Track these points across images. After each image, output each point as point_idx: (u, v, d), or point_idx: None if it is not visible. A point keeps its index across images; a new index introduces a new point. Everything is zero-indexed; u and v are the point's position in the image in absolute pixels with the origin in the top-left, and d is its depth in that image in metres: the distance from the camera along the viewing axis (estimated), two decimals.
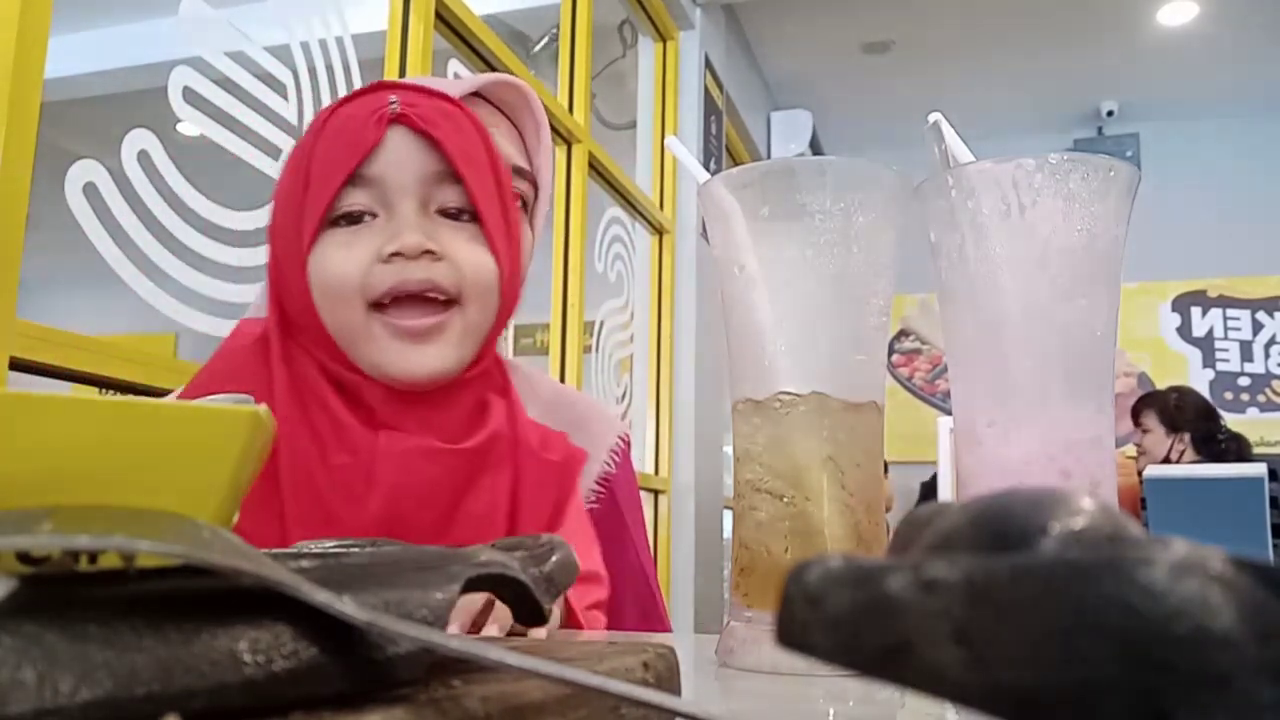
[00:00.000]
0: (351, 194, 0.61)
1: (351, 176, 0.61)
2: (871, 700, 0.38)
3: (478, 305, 0.62)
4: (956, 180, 0.46)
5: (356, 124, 0.61)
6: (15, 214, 1.03)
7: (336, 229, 0.61)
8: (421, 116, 0.61)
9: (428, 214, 0.62)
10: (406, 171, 0.61)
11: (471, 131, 0.64)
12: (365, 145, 0.60)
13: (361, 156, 0.60)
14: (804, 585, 0.14)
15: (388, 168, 0.61)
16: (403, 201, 0.61)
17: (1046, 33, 3.94)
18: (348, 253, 0.60)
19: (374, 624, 0.18)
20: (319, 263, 0.61)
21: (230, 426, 0.23)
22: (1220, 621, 0.11)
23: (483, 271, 0.62)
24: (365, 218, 0.61)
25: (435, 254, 0.60)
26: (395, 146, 0.61)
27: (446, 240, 0.61)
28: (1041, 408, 0.44)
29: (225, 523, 0.24)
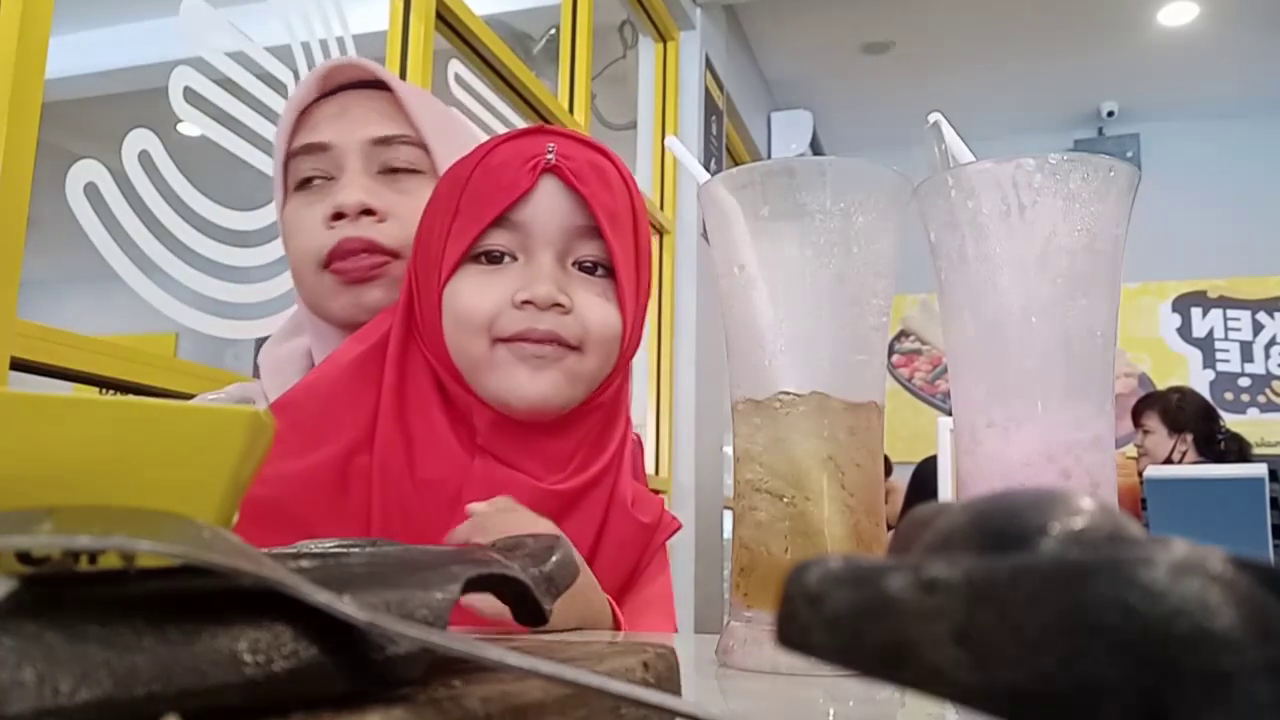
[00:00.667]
0: (496, 234, 0.64)
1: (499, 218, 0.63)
2: (871, 700, 0.38)
3: (597, 355, 0.65)
4: (956, 180, 0.46)
5: (513, 168, 0.64)
6: (16, 214, 1.03)
7: (476, 264, 0.64)
8: (574, 171, 0.64)
9: (564, 265, 0.65)
10: (551, 222, 0.64)
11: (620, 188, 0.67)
12: (516, 191, 0.63)
13: (511, 201, 0.63)
14: (804, 585, 0.14)
15: (534, 216, 0.64)
16: (543, 250, 0.64)
17: (1046, 33, 3.94)
18: (484, 291, 0.63)
19: (374, 624, 0.18)
20: (455, 294, 0.64)
21: (230, 426, 0.23)
22: (1220, 621, 0.11)
23: (608, 327, 0.65)
24: (505, 259, 0.64)
25: (564, 308, 0.63)
26: (545, 196, 0.64)
27: (578, 294, 0.64)
28: (1041, 408, 0.44)
29: (225, 523, 0.24)
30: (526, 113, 2.33)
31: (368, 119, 0.80)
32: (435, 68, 1.90)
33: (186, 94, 1.32)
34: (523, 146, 0.65)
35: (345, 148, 0.79)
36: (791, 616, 0.14)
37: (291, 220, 0.82)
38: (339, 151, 0.80)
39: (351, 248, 0.77)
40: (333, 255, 0.78)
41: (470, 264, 0.64)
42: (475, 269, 0.64)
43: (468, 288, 0.64)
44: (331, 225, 0.78)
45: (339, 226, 0.77)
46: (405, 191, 0.80)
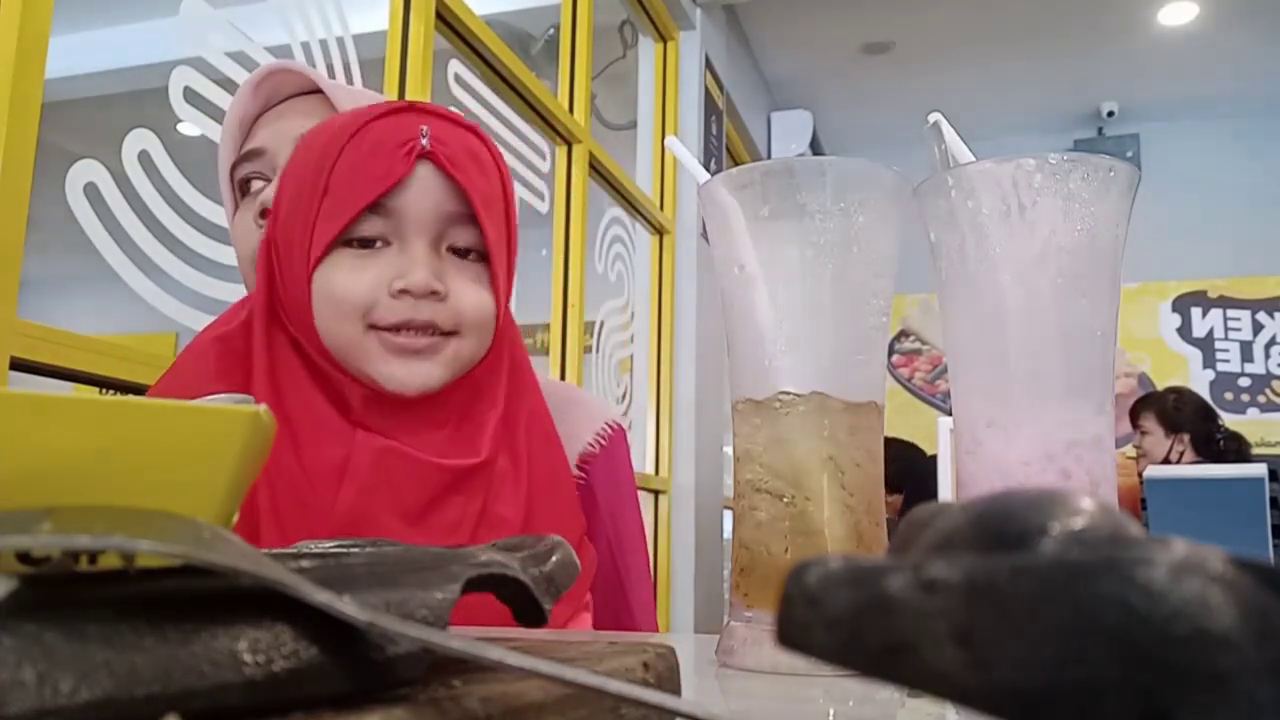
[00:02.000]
0: (369, 220, 0.62)
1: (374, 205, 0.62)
2: (871, 700, 0.38)
3: (473, 338, 0.65)
4: (956, 180, 0.46)
5: (385, 151, 0.62)
6: (16, 214, 1.03)
7: (348, 249, 0.63)
8: (450, 157, 0.63)
9: (438, 251, 0.64)
10: (426, 209, 0.63)
11: (494, 172, 0.66)
12: (391, 178, 0.62)
13: (386, 189, 0.62)
14: (804, 585, 0.14)
15: (409, 203, 0.62)
16: (417, 237, 0.63)
17: (1047, 33, 3.94)
18: (357, 276, 0.62)
19: (374, 624, 0.18)
20: (326, 280, 0.63)
21: (230, 426, 0.23)
22: (1220, 622, 0.11)
23: (482, 311, 0.65)
24: (378, 243, 0.63)
25: (440, 295, 0.63)
26: (420, 182, 0.63)
27: (453, 280, 0.64)
28: (1041, 408, 0.44)
29: (225, 523, 0.24)
30: (526, 113, 2.33)
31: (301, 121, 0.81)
32: (435, 68, 1.90)
33: (186, 94, 1.32)
34: (395, 127, 0.63)
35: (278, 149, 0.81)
36: (791, 616, 0.14)
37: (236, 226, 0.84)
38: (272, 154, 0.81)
39: None
40: None
41: (341, 248, 0.63)
42: (347, 253, 0.63)
43: (340, 273, 0.62)
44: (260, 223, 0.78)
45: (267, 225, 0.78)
46: None
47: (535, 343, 3.65)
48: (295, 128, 0.81)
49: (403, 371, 0.62)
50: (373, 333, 0.62)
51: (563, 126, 2.46)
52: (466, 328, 0.64)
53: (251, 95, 0.84)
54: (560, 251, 2.49)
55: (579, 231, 2.51)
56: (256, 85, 0.83)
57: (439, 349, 0.63)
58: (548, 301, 2.46)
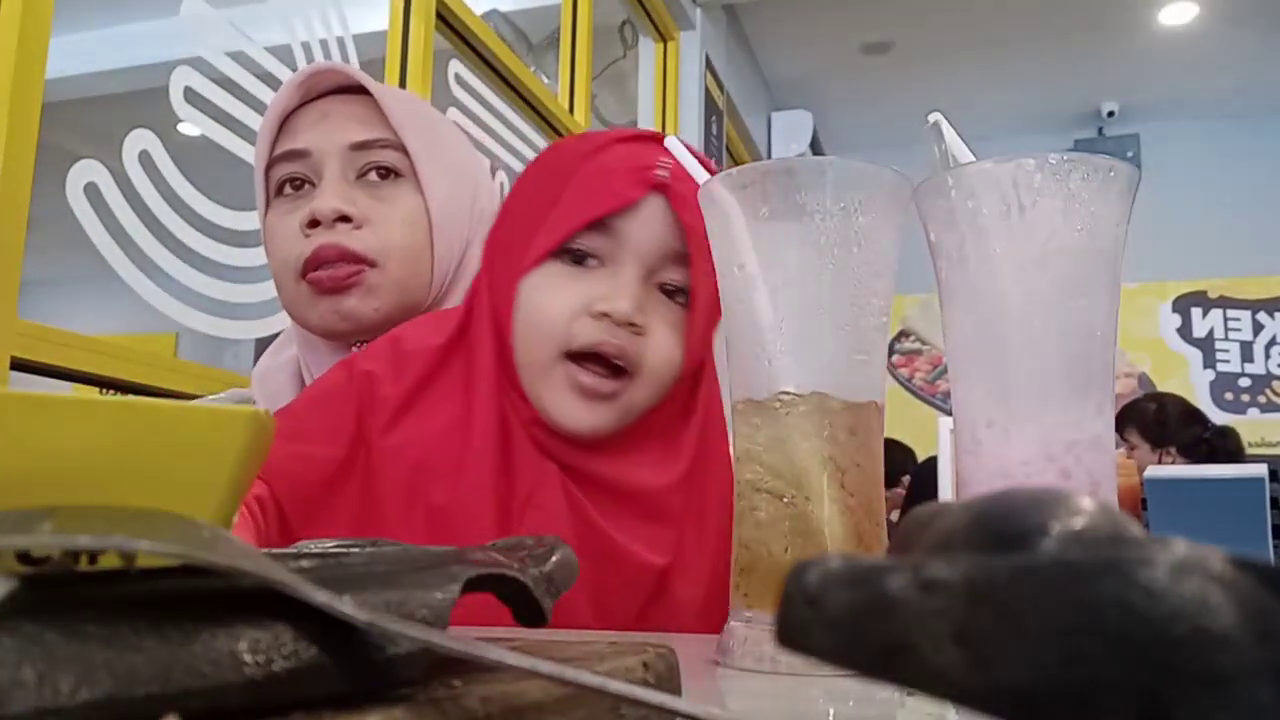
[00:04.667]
0: (588, 236, 0.62)
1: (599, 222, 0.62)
2: (871, 700, 0.38)
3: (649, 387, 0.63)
4: (956, 180, 0.46)
5: (621, 173, 0.62)
6: (16, 214, 1.03)
7: (559, 263, 0.63)
8: (683, 195, 0.62)
9: (649, 285, 0.63)
10: (646, 239, 0.62)
11: None
12: (622, 199, 0.61)
13: (614, 208, 0.61)
14: (804, 585, 0.14)
15: (632, 229, 0.62)
16: (632, 264, 0.62)
17: (1047, 33, 3.94)
18: (562, 293, 0.62)
19: (374, 624, 0.18)
20: (532, 292, 0.62)
21: (230, 426, 0.23)
22: (1220, 622, 0.11)
23: (669, 363, 0.63)
24: (590, 261, 0.63)
25: (639, 329, 0.62)
26: (647, 211, 0.62)
27: (654, 318, 0.63)
28: (1041, 408, 0.44)
29: (225, 523, 0.24)
30: (526, 113, 2.33)
31: (347, 124, 0.80)
32: (435, 68, 1.90)
33: (186, 94, 1.33)
34: (639, 153, 0.63)
35: (323, 153, 0.79)
36: (791, 616, 0.14)
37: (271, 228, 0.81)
38: (317, 157, 0.79)
39: (327, 255, 0.76)
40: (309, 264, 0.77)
41: (554, 260, 0.63)
42: (559, 267, 0.62)
43: (548, 285, 0.62)
44: (308, 233, 0.77)
45: (315, 234, 0.77)
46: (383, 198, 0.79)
47: None
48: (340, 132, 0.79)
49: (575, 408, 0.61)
50: (561, 363, 0.61)
51: (563, 126, 2.46)
52: (647, 374, 0.63)
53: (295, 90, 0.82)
54: None
55: None
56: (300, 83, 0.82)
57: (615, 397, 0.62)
58: None
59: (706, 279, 0.63)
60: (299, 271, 0.78)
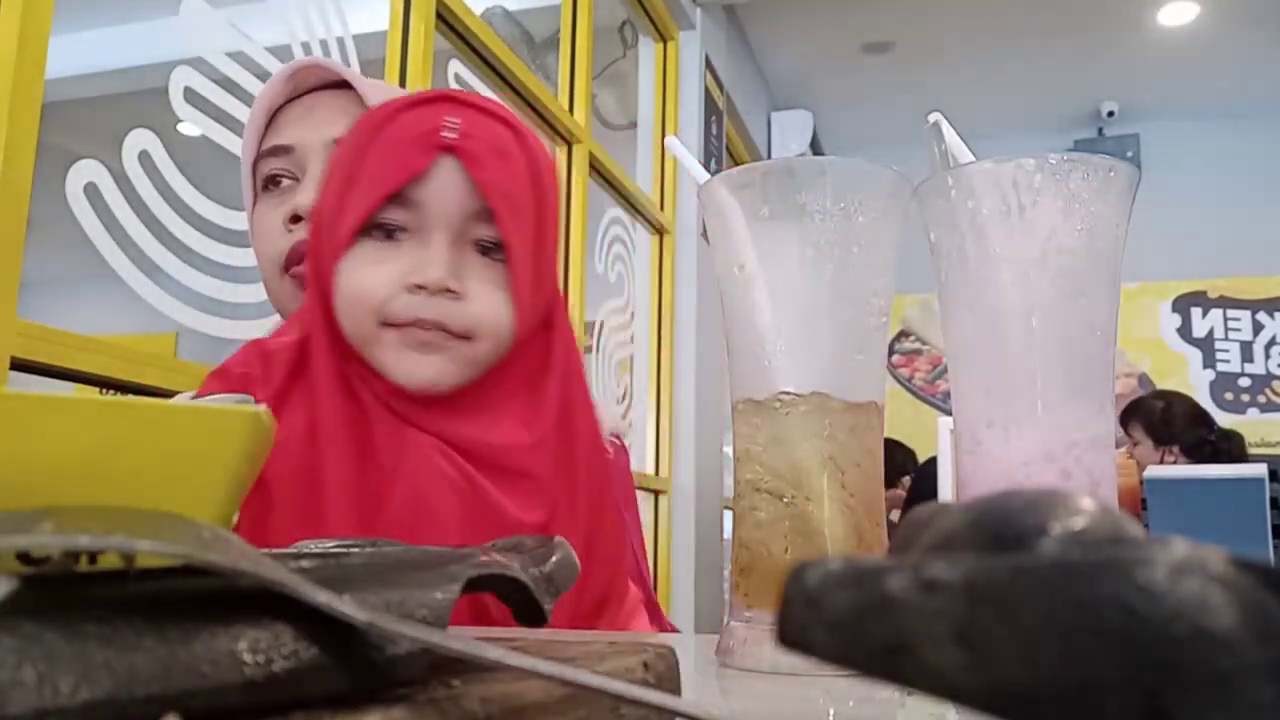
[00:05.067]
0: (392, 210, 0.62)
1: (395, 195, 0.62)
2: (871, 700, 0.38)
3: (487, 344, 0.63)
4: (956, 180, 0.46)
5: (409, 141, 0.62)
6: (16, 214, 1.03)
7: (371, 240, 0.63)
8: (473, 153, 0.62)
9: (461, 246, 0.63)
10: (447, 204, 0.62)
11: (521, 169, 0.65)
12: (409, 171, 0.61)
13: (404, 181, 0.61)
14: (804, 585, 0.14)
15: (430, 196, 0.62)
16: (439, 231, 0.62)
17: (1047, 33, 3.94)
18: (376, 270, 0.62)
19: (374, 624, 0.18)
20: (348, 272, 0.63)
21: (230, 426, 0.23)
22: (1220, 622, 0.11)
23: (498, 318, 0.63)
24: (399, 234, 0.63)
25: (456, 293, 0.62)
26: (441, 176, 0.62)
27: (471, 280, 0.62)
28: (1041, 408, 0.44)
29: (225, 523, 0.24)
30: (526, 113, 2.33)
31: (332, 119, 0.80)
32: (435, 68, 1.90)
33: (186, 94, 1.32)
34: (422, 118, 0.63)
35: (307, 149, 0.79)
36: (791, 616, 0.14)
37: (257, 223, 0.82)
38: (301, 153, 0.79)
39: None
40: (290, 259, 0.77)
41: (365, 239, 0.63)
42: (370, 245, 0.63)
43: (360, 265, 0.62)
44: (290, 228, 0.78)
45: (297, 229, 0.77)
46: None
47: None
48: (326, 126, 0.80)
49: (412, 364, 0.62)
50: (387, 329, 0.62)
51: (563, 126, 2.46)
52: (480, 333, 0.63)
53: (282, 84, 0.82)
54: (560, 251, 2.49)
55: (579, 231, 2.51)
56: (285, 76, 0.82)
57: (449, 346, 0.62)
58: None
59: (518, 231, 0.63)
60: (282, 266, 0.78)
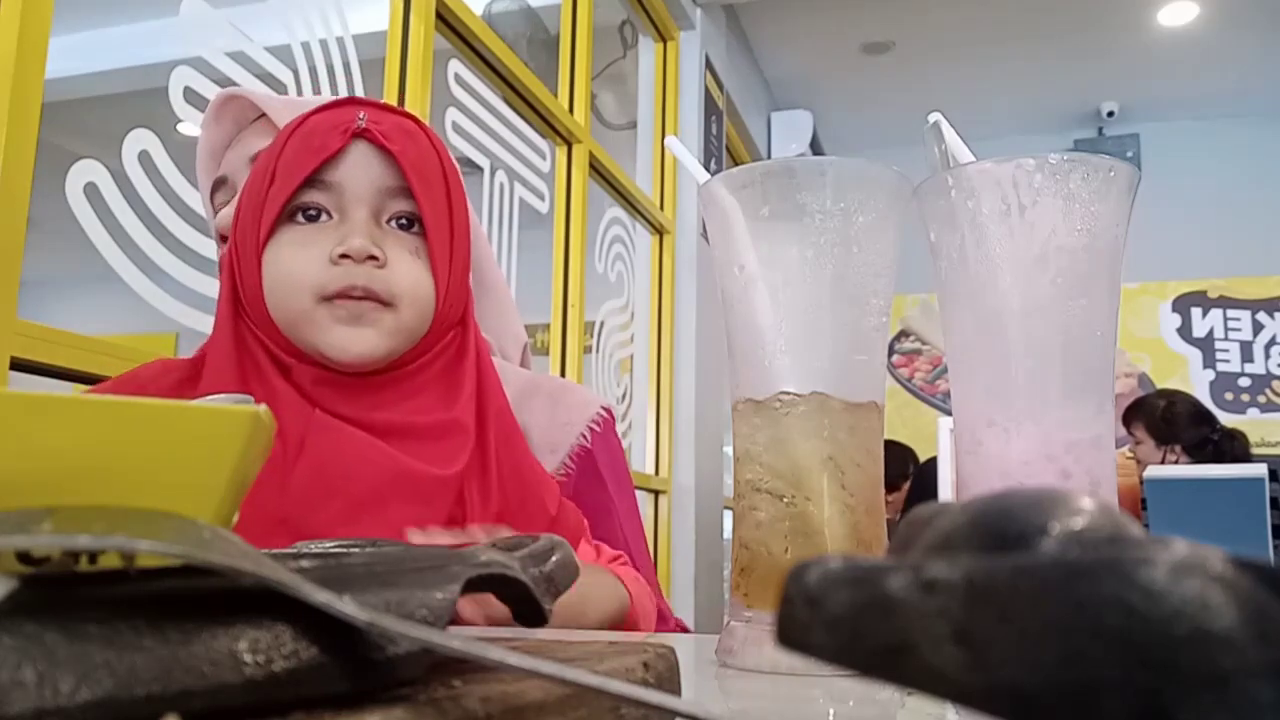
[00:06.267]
0: (311, 194, 0.66)
1: (313, 180, 0.66)
2: (871, 700, 0.38)
3: (411, 311, 0.67)
4: (956, 180, 0.46)
5: (322, 132, 0.67)
6: (16, 214, 1.03)
7: (294, 225, 0.67)
8: (383, 133, 0.67)
9: (380, 223, 0.68)
10: (363, 181, 0.67)
11: (429, 149, 0.70)
12: (327, 151, 0.66)
13: (323, 160, 0.66)
14: (804, 585, 0.14)
15: (346, 175, 0.67)
16: (357, 208, 0.67)
17: (1046, 33, 3.94)
18: (302, 251, 0.66)
19: (374, 624, 0.18)
20: (274, 257, 0.66)
21: (230, 426, 0.23)
22: (1220, 622, 0.11)
23: (419, 285, 0.67)
24: (322, 217, 0.67)
25: (379, 261, 0.66)
26: (356, 157, 0.67)
27: (392, 250, 0.67)
28: (1041, 408, 0.44)
29: (225, 523, 0.24)
30: (526, 113, 2.33)
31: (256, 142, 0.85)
32: (435, 68, 1.90)
33: (186, 94, 1.32)
34: (335, 115, 0.68)
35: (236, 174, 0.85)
36: (791, 616, 0.14)
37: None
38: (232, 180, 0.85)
39: None
40: None
41: (288, 225, 0.67)
42: (293, 229, 0.67)
43: (286, 250, 0.66)
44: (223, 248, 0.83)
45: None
46: None
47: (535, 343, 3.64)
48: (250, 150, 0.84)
49: (345, 337, 0.65)
50: (321, 305, 0.65)
51: (563, 126, 2.46)
52: (403, 301, 0.66)
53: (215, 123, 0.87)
54: (560, 251, 2.49)
55: (579, 231, 2.51)
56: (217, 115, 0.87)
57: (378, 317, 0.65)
58: (548, 301, 2.46)
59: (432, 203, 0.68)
60: None
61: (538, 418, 0.83)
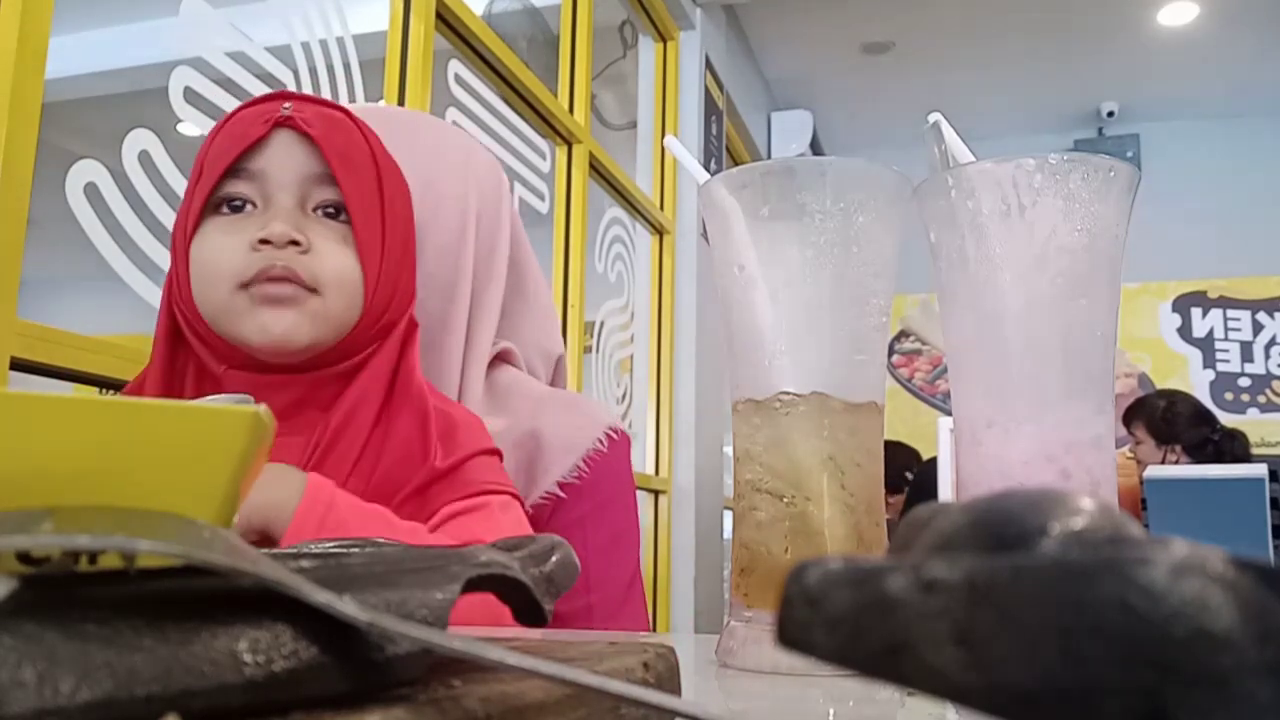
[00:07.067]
0: (235, 184, 0.66)
1: (238, 170, 0.65)
2: (871, 700, 0.38)
3: (337, 297, 0.65)
4: (956, 180, 0.46)
5: (246, 123, 0.67)
6: (16, 214, 1.03)
7: (220, 216, 0.66)
8: (305, 120, 0.66)
9: (305, 211, 0.67)
10: (287, 169, 0.66)
11: (357, 137, 0.69)
12: (249, 139, 0.65)
13: (244, 148, 0.65)
14: (804, 585, 0.14)
15: (270, 163, 0.66)
16: (282, 196, 0.66)
17: (1046, 33, 3.94)
18: (226, 239, 0.65)
19: (374, 624, 0.18)
20: (198, 249, 0.66)
21: (230, 426, 0.23)
22: (1220, 622, 0.11)
23: (345, 271, 0.66)
24: (247, 207, 0.66)
25: (301, 246, 0.64)
26: (279, 145, 0.66)
27: (316, 237, 0.66)
28: (1041, 408, 0.44)
29: (225, 523, 0.24)
30: (526, 113, 2.33)
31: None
32: (435, 68, 1.90)
33: (186, 94, 1.32)
34: (261, 108, 0.67)
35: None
36: (791, 616, 0.14)
37: None
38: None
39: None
40: None
41: (213, 215, 0.66)
42: (218, 220, 0.66)
43: (211, 239, 0.65)
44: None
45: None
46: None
47: None
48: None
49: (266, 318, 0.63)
50: (240, 293, 0.64)
51: (563, 126, 2.46)
52: (328, 287, 0.65)
53: None
54: (560, 251, 2.49)
55: (579, 231, 2.51)
56: None
57: (300, 301, 0.64)
58: None
59: (358, 189, 0.67)
60: None
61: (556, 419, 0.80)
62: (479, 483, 0.67)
